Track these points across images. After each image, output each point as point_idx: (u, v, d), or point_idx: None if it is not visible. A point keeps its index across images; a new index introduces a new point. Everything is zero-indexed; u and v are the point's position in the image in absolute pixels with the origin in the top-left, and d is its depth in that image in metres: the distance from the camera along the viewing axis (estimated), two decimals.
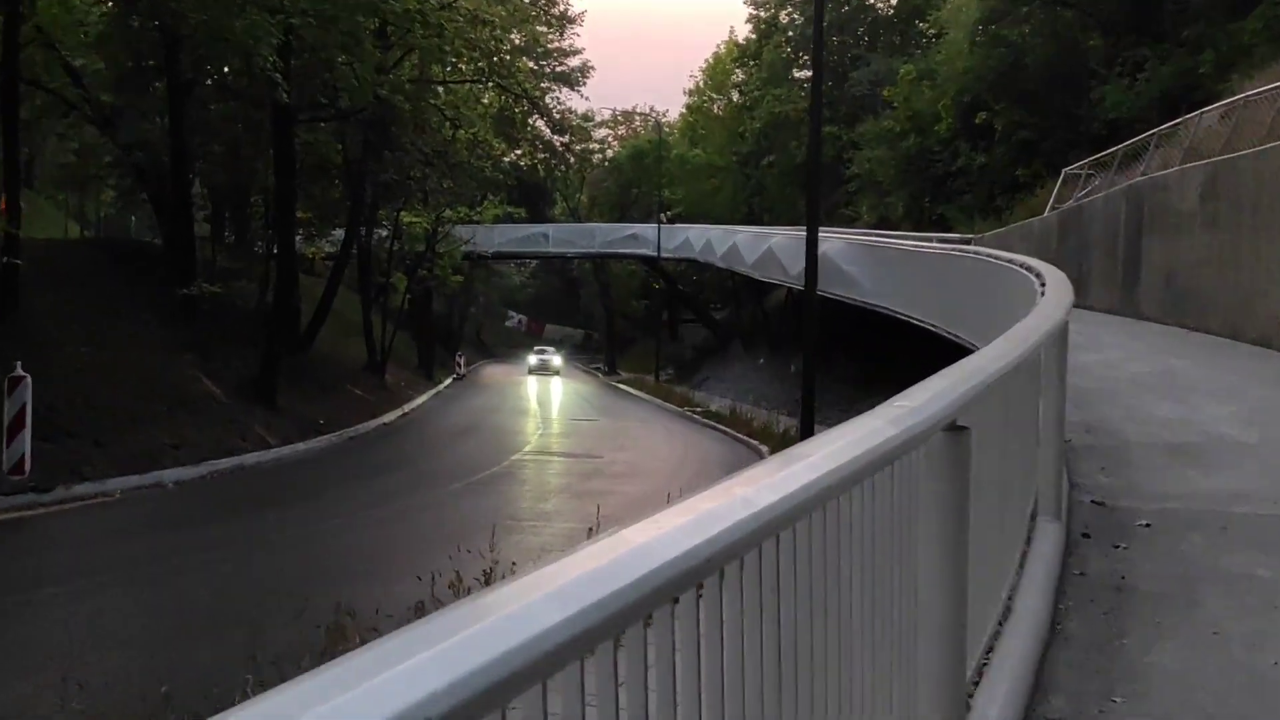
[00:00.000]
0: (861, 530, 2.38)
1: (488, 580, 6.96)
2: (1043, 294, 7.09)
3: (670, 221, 53.23)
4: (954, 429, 2.95)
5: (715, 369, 45.73)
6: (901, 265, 21.90)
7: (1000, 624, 4.23)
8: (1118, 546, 5.87)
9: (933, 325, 19.12)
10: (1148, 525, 6.20)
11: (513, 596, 1.15)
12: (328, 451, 21.09)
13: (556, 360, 54.43)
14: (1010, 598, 4.56)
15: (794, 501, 1.85)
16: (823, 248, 15.14)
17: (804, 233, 31.26)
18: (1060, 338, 5.95)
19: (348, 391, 27.50)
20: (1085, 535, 6.10)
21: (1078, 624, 4.71)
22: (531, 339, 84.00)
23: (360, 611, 6.75)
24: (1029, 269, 10.01)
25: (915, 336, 22.00)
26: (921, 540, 2.89)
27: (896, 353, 25.97)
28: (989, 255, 15.24)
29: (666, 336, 58.75)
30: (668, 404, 35.49)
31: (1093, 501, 6.79)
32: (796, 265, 29.36)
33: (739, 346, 44.63)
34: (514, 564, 7.16)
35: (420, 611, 6.52)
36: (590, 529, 8.87)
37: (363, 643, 0.92)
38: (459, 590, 6.79)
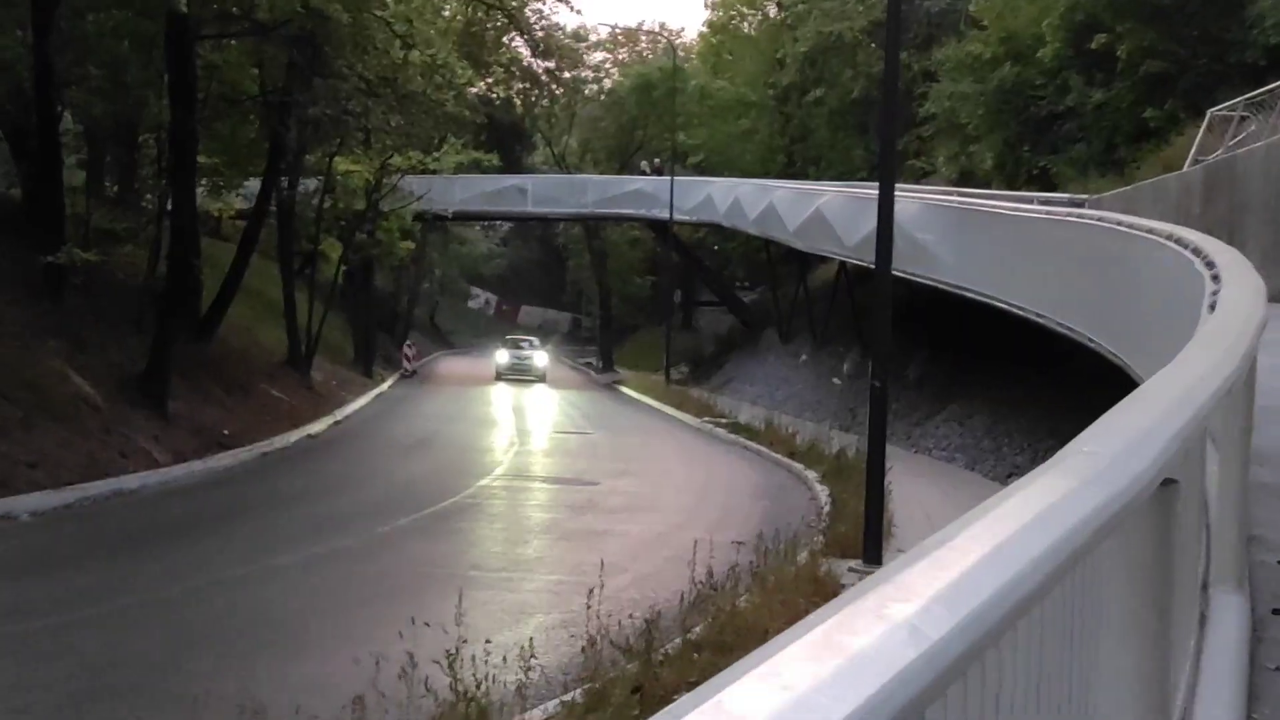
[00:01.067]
0: (1043, 646, 2.08)
1: (452, 665, 6.62)
2: (1215, 281, 6.77)
3: (681, 173, 53.00)
4: (1163, 484, 2.65)
5: (743, 367, 45.70)
6: (994, 235, 21.79)
7: None
8: None
9: (1036, 314, 19.01)
10: None
11: None
12: (235, 473, 20.95)
13: (539, 358, 49.51)
14: (1187, 703, 4.29)
15: (987, 623, 1.56)
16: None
17: (862, 190, 31.33)
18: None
19: (262, 392, 27.39)
20: (1277, 611, 5.84)
21: None
22: (502, 325, 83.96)
23: (273, 707, 6.40)
24: (1182, 243, 9.70)
25: (1010, 328, 21.82)
26: (1109, 641, 2.60)
27: (985, 349, 25.81)
28: (1117, 223, 15.02)
29: (679, 324, 58.60)
30: (681, 413, 35.38)
31: None
32: (854, 233, 29.24)
33: (774, 339, 44.59)
34: (488, 641, 6.84)
35: (359, 708, 6.17)
36: (591, 590, 8.55)
37: None
38: (411, 683, 6.44)
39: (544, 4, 54.51)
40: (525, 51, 53.97)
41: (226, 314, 28.23)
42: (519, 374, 47.27)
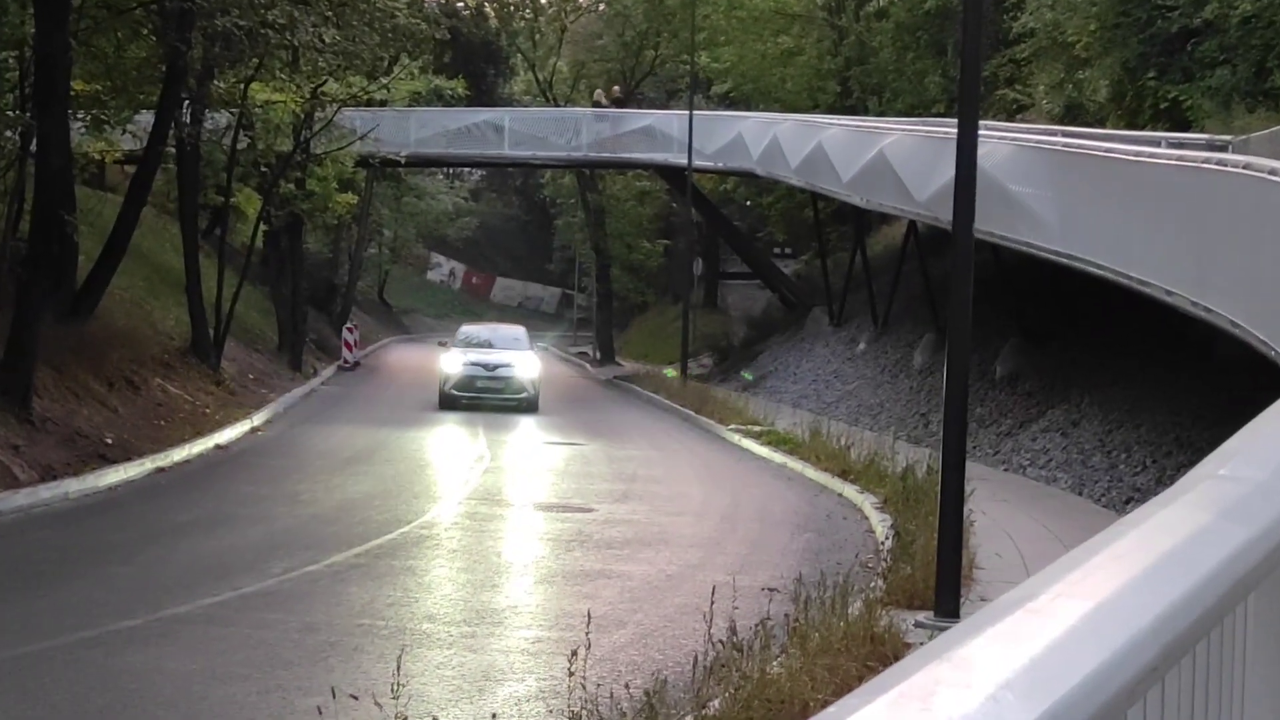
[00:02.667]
0: None
1: None
2: None
3: (703, 106, 52.96)
4: None
5: (783, 359, 45.76)
6: (1110, 187, 21.73)
7: None
8: None
9: (1165, 291, 18.94)
10: None
11: None
12: (120, 494, 20.94)
13: (525, 365, 38.05)
14: None
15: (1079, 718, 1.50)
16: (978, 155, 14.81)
17: (937, 129, 31.16)
18: None
19: (156, 389, 27.45)
20: None
21: None
22: (471, 303, 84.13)
23: None
24: None
25: (1129, 309, 21.75)
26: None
27: (1096, 337, 25.72)
28: (1270, 171, 14.93)
29: (700, 303, 58.67)
30: (701, 417, 35.35)
31: None
32: (926, 185, 29.15)
33: (823, 322, 44.65)
34: (434, 719, 6.76)
35: None
36: (577, 650, 8.47)
37: None
38: None
39: None
40: None
41: (110, 286, 28.32)
42: (487, 394, 37.20)
